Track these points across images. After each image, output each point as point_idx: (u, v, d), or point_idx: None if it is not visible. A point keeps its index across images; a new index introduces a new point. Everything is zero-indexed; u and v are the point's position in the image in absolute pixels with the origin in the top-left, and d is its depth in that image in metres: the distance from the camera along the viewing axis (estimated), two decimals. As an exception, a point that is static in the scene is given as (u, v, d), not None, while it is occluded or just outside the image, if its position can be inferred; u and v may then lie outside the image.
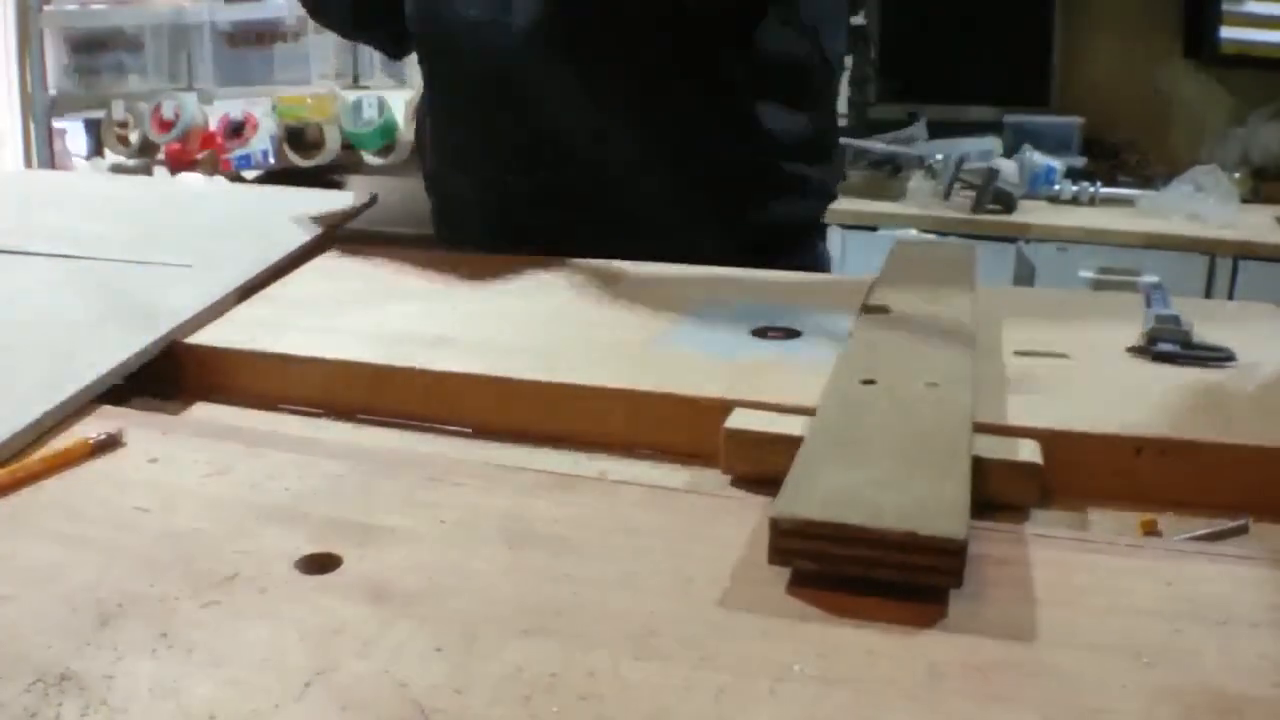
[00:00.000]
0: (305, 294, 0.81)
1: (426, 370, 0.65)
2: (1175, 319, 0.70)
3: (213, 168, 2.26)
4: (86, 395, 0.61)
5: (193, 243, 0.91)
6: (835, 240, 2.66)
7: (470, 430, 0.63)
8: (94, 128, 2.55)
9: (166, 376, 0.69)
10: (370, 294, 0.81)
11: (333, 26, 1.22)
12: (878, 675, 0.37)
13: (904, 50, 2.97)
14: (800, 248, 1.11)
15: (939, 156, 2.61)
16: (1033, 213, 2.53)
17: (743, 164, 1.04)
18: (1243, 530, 0.51)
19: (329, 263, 0.92)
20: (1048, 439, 0.54)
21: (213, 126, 2.30)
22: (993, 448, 0.53)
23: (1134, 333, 0.71)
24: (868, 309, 0.72)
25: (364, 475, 0.52)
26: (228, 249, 0.88)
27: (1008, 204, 2.51)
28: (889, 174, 2.68)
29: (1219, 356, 0.67)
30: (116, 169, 2.43)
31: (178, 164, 2.29)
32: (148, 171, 2.43)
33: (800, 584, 0.42)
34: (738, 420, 0.56)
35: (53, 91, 2.57)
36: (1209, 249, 2.35)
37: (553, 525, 0.47)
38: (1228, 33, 2.68)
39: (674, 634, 0.39)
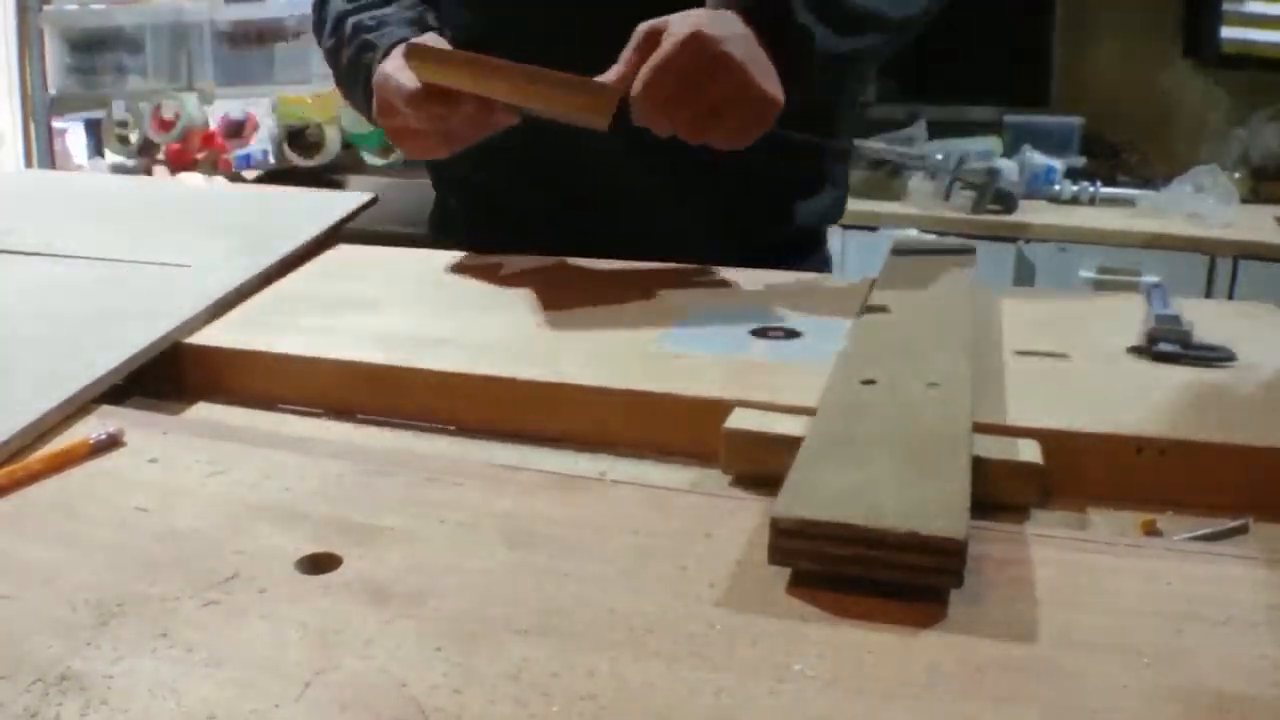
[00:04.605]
0: (305, 294, 0.81)
1: (426, 370, 0.65)
2: (1175, 319, 0.70)
3: (213, 168, 2.26)
4: (86, 395, 0.61)
5: (193, 243, 0.91)
6: (835, 240, 2.66)
7: (470, 430, 0.63)
8: (94, 128, 2.56)
9: (166, 376, 0.69)
10: (370, 294, 0.81)
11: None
12: (878, 675, 0.37)
13: (904, 50, 2.97)
14: (812, 253, 1.10)
15: (939, 156, 2.61)
16: (1033, 213, 2.53)
17: (761, 165, 1.02)
18: (1243, 530, 0.50)
19: (329, 263, 0.92)
20: (1048, 439, 0.54)
21: (213, 126, 2.30)
22: (993, 448, 0.52)
23: (1134, 333, 0.71)
24: (868, 309, 0.72)
25: (364, 475, 0.52)
26: (228, 249, 0.88)
27: (1008, 204, 2.51)
28: (889, 174, 2.68)
29: (1219, 356, 0.67)
30: (117, 169, 2.43)
31: (178, 164, 2.29)
32: (148, 171, 2.43)
33: (800, 584, 0.42)
34: (738, 420, 0.56)
35: (53, 91, 2.57)
36: (1209, 249, 2.35)
37: (553, 525, 0.47)
38: (1228, 33, 2.68)
39: (674, 634, 0.39)
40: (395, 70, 0.83)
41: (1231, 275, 2.33)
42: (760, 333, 0.72)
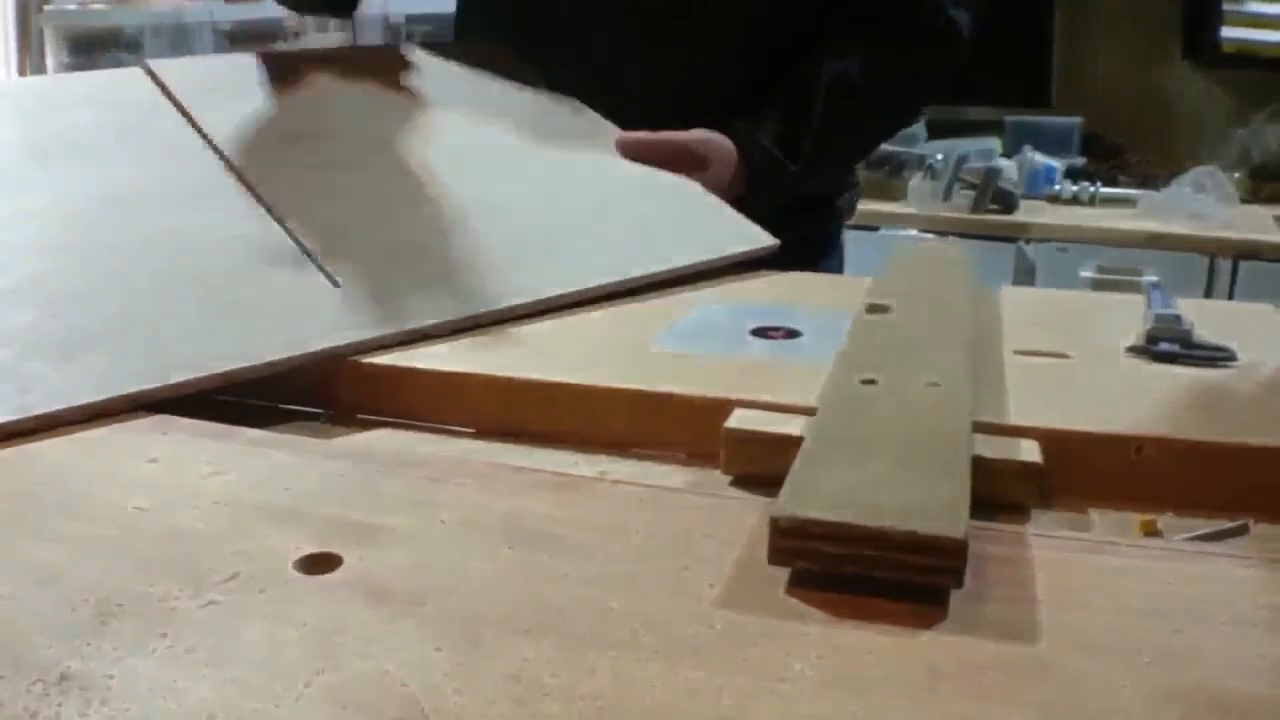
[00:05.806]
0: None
1: (427, 370, 0.65)
2: (1175, 319, 0.70)
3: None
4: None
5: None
6: (835, 240, 2.66)
7: (470, 430, 0.63)
8: (94, 128, 2.55)
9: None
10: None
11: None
12: (878, 675, 0.37)
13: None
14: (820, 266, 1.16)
15: (939, 156, 2.61)
16: (1033, 213, 2.54)
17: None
18: (1243, 530, 0.50)
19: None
20: (1048, 439, 0.54)
21: (213, 126, 2.29)
22: (993, 448, 0.52)
23: (1134, 333, 0.71)
24: (868, 309, 0.72)
25: (364, 475, 0.52)
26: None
27: (1008, 204, 2.51)
28: (889, 174, 2.68)
29: (1219, 356, 0.67)
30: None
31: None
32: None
33: (800, 584, 0.42)
34: (738, 420, 0.56)
35: (53, 91, 2.57)
36: (1209, 249, 2.35)
37: (553, 525, 0.47)
38: (1228, 33, 2.68)
39: (674, 634, 0.39)
40: None
41: (1231, 275, 2.33)
42: (760, 333, 0.72)
